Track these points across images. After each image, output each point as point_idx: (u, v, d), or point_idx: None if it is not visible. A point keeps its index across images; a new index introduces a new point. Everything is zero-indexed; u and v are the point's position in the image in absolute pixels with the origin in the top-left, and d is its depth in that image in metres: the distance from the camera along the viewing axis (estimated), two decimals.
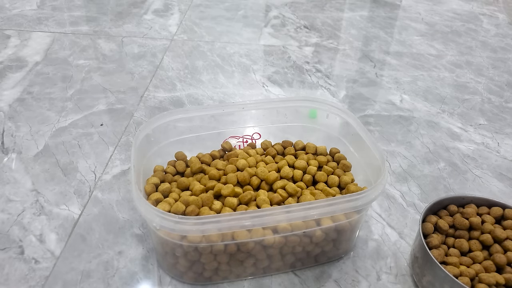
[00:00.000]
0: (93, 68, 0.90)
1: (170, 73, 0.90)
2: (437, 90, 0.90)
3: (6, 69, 0.88)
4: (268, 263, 0.49)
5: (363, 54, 1.03)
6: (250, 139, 0.62)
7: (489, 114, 0.84)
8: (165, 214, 0.41)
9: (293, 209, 0.43)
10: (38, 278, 0.49)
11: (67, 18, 1.11)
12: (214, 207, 0.48)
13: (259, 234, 0.44)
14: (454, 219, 0.51)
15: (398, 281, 0.51)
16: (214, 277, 0.49)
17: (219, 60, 0.96)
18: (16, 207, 0.57)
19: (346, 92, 0.88)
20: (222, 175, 0.53)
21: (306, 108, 0.60)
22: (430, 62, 1.02)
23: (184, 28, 1.09)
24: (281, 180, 0.52)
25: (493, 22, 1.26)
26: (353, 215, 0.47)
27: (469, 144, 0.75)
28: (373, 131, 0.76)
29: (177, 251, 0.45)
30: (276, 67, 0.95)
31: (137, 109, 0.78)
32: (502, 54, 1.08)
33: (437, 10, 1.32)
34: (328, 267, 0.52)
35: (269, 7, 1.26)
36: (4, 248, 0.52)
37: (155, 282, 0.49)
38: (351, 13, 1.26)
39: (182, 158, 0.57)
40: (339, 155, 0.58)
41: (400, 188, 0.64)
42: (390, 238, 0.56)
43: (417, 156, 0.71)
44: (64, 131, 0.72)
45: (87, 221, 0.56)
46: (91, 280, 0.49)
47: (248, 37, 1.07)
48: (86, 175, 0.63)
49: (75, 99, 0.80)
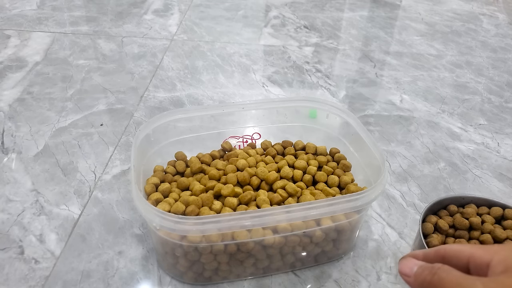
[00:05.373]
0: (93, 68, 0.90)
1: (170, 73, 0.90)
2: (437, 90, 0.90)
3: (6, 69, 0.88)
4: (268, 263, 0.49)
5: (363, 54, 1.03)
6: (250, 139, 0.62)
7: (489, 114, 0.84)
8: (165, 214, 0.41)
9: (293, 209, 0.43)
10: (38, 278, 0.49)
11: (67, 18, 1.11)
12: (214, 207, 0.48)
13: (259, 234, 0.44)
14: (454, 219, 0.51)
15: (398, 281, 0.51)
16: (214, 277, 0.49)
17: (219, 60, 0.96)
18: (16, 207, 0.57)
19: (346, 92, 0.88)
20: (222, 175, 0.53)
21: (306, 108, 0.60)
22: (430, 62, 1.02)
23: (184, 28, 1.09)
24: (281, 180, 0.52)
25: (493, 22, 1.26)
26: (353, 215, 0.47)
27: (469, 144, 0.75)
28: (373, 131, 0.76)
29: (177, 251, 0.45)
30: (276, 67, 0.95)
31: (137, 109, 0.78)
32: (502, 54, 1.08)
33: (437, 10, 1.32)
34: (328, 267, 0.52)
35: (269, 7, 1.26)
36: (4, 248, 0.52)
37: (155, 282, 0.49)
38: (351, 13, 1.26)
39: (182, 158, 0.57)
40: (339, 155, 0.58)
41: (400, 188, 0.64)
42: (390, 238, 0.56)
43: (417, 156, 0.71)
44: (64, 131, 0.72)
45: (87, 221, 0.56)
46: (91, 280, 0.49)
47: (248, 37, 1.07)
48: (86, 175, 0.63)
49: (75, 99, 0.80)
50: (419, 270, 0.26)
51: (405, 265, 0.27)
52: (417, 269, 0.26)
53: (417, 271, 0.26)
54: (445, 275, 0.24)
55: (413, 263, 0.27)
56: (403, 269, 0.27)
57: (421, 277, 0.26)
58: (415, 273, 0.26)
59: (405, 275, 0.27)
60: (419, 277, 0.26)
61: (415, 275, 0.26)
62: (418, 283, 0.26)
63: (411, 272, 0.27)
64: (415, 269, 0.26)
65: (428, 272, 0.25)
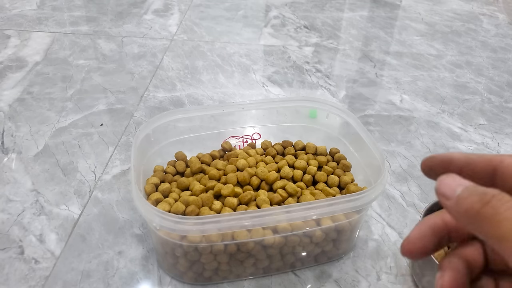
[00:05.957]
0: (93, 68, 0.90)
1: (170, 73, 0.90)
2: (437, 90, 0.90)
3: (6, 69, 0.88)
4: (268, 263, 0.49)
5: (363, 54, 1.03)
6: (250, 139, 0.62)
7: (489, 114, 0.84)
8: (165, 214, 0.41)
9: (293, 209, 0.43)
10: (38, 278, 0.49)
11: (67, 18, 1.11)
12: (214, 207, 0.48)
13: (259, 234, 0.44)
14: None
15: (398, 281, 0.51)
16: (214, 277, 0.49)
17: (219, 60, 0.96)
18: (16, 207, 0.57)
19: (346, 92, 0.88)
20: (222, 175, 0.53)
21: (306, 108, 0.60)
22: (430, 62, 1.02)
23: (184, 28, 1.09)
24: (281, 180, 0.52)
25: (493, 22, 1.26)
26: (353, 215, 0.47)
27: (469, 144, 0.75)
28: (373, 131, 0.76)
29: (177, 251, 0.45)
30: (276, 67, 0.95)
31: (137, 109, 0.78)
32: (502, 54, 1.08)
33: (437, 10, 1.32)
34: (328, 267, 0.52)
35: (269, 7, 1.26)
36: (4, 248, 0.52)
37: (155, 282, 0.49)
38: (351, 13, 1.26)
39: (182, 158, 0.57)
40: (339, 155, 0.58)
41: (400, 188, 0.64)
42: (390, 238, 0.56)
43: (417, 156, 0.71)
44: (64, 131, 0.72)
45: (87, 221, 0.56)
46: (91, 280, 0.49)
47: (248, 37, 1.07)
48: (86, 175, 0.63)
49: (75, 99, 0.80)
50: (465, 193, 0.19)
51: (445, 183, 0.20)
52: (463, 191, 0.19)
53: (462, 194, 0.19)
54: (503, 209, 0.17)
55: (458, 181, 0.19)
56: (443, 188, 0.20)
57: (467, 203, 0.18)
58: (459, 196, 0.19)
59: (444, 197, 0.19)
60: (464, 202, 0.18)
61: (458, 199, 0.19)
62: (462, 211, 0.19)
63: (453, 193, 0.19)
64: (459, 190, 0.19)
65: (478, 199, 0.18)
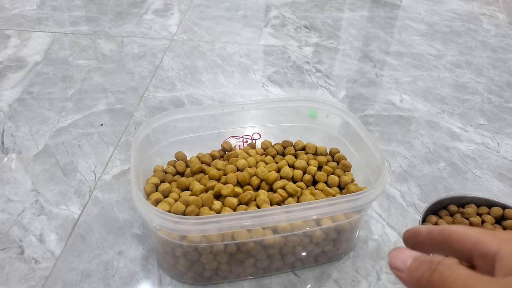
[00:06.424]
0: (93, 68, 0.90)
1: (170, 73, 0.90)
2: (437, 90, 0.90)
3: (6, 69, 0.88)
4: (268, 263, 0.49)
5: (363, 54, 1.03)
6: (250, 139, 0.62)
7: (489, 114, 0.84)
8: (165, 214, 0.41)
9: (293, 209, 0.43)
10: (38, 278, 0.49)
11: (67, 18, 1.11)
12: (214, 207, 0.48)
13: (259, 234, 0.44)
14: (454, 219, 0.51)
15: (398, 281, 0.51)
16: (214, 277, 0.49)
17: (219, 60, 0.96)
18: (16, 207, 0.57)
19: (346, 92, 0.88)
20: (222, 175, 0.53)
21: (306, 108, 0.60)
22: (430, 62, 1.02)
23: (184, 28, 1.09)
24: (281, 180, 0.52)
25: (493, 22, 1.26)
26: (353, 215, 0.47)
27: (469, 144, 0.75)
28: (373, 131, 0.76)
29: (177, 251, 0.45)
30: (276, 67, 0.95)
31: (137, 109, 0.78)
32: (502, 54, 1.08)
33: (437, 10, 1.32)
34: (328, 267, 0.52)
35: (269, 7, 1.26)
36: (4, 248, 0.52)
37: (155, 282, 0.49)
38: (351, 13, 1.26)
39: (182, 158, 0.57)
40: (339, 155, 0.58)
41: (400, 188, 0.64)
42: (390, 238, 0.56)
43: (417, 156, 0.71)
44: (64, 131, 0.72)
45: (87, 221, 0.56)
46: (91, 280, 0.49)
47: (248, 37, 1.07)
48: (86, 175, 0.63)
49: (75, 99, 0.80)
50: (414, 264, 0.21)
51: (396, 257, 0.21)
52: (412, 263, 0.21)
53: (411, 265, 0.21)
54: (449, 274, 0.19)
55: (407, 254, 0.21)
56: (394, 262, 0.21)
57: (417, 274, 0.20)
58: (409, 268, 0.21)
59: (397, 270, 0.21)
60: (415, 273, 0.20)
61: (409, 270, 0.21)
62: (414, 281, 0.20)
63: (404, 266, 0.21)
64: (409, 262, 0.21)
65: (426, 268, 0.20)
